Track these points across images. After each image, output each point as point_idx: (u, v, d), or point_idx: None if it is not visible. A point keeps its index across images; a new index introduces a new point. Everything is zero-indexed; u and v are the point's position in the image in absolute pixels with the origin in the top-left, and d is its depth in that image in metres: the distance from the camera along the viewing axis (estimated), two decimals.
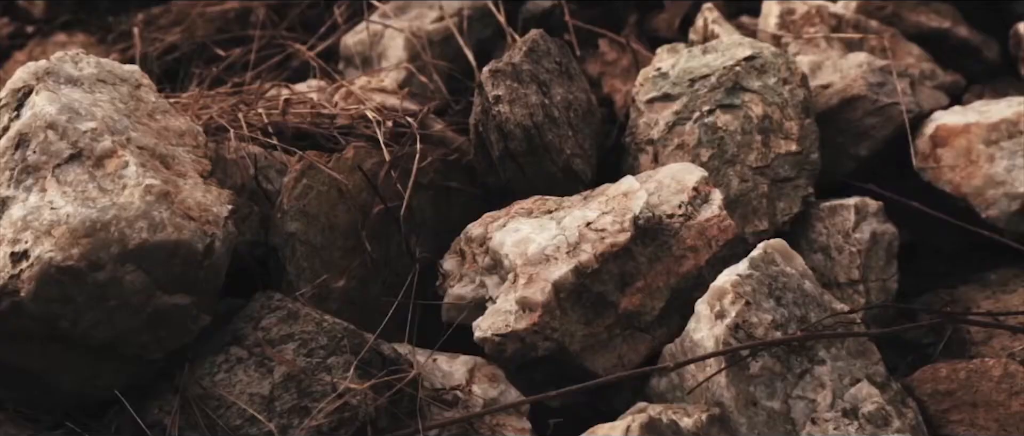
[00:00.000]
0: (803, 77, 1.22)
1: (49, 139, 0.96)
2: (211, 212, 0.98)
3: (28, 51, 1.64)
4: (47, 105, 0.96)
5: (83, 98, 1.00)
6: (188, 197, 0.98)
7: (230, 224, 1.00)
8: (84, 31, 1.64)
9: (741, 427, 0.97)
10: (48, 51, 1.62)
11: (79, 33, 1.63)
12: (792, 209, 1.17)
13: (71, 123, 0.96)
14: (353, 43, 1.48)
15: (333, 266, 1.11)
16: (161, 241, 0.95)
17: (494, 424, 1.01)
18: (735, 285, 1.00)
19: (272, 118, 1.23)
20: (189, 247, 0.96)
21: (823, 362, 1.00)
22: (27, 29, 1.68)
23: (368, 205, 1.14)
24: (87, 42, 1.59)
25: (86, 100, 1.00)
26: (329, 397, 0.97)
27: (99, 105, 1.00)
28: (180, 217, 0.96)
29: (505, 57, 1.17)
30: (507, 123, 1.13)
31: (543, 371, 1.04)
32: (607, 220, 1.05)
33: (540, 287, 1.01)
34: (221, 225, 0.99)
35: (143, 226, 0.94)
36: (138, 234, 0.94)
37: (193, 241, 0.96)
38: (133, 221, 0.94)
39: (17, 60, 1.62)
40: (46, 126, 0.96)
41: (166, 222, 0.95)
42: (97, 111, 0.99)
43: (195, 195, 0.99)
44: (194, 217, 0.97)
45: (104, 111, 0.99)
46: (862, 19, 1.41)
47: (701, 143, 1.19)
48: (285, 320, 1.01)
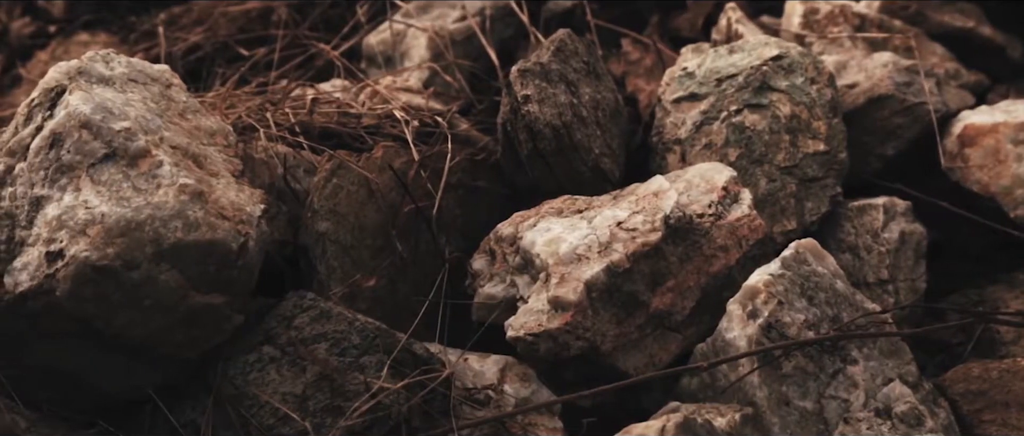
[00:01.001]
0: (830, 77, 1.22)
1: (83, 138, 0.96)
2: (244, 211, 0.99)
3: (50, 51, 1.64)
4: (81, 104, 0.97)
5: (116, 97, 1.00)
6: (222, 196, 0.98)
7: (263, 223, 1.00)
8: (106, 31, 1.64)
9: (774, 427, 0.97)
10: (70, 51, 1.62)
11: (101, 33, 1.63)
12: (820, 209, 1.17)
13: (105, 122, 0.96)
14: (376, 42, 1.48)
15: (363, 266, 1.11)
16: (196, 240, 0.95)
17: (526, 423, 1.01)
18: (768, 285, 1.00)
19: (299, 118, 1.23)
20: (223, 246, 0.96)
21: (856, 362, 1.00)
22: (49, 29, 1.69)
23: (397, 204, 1.14)
24: (110, 42, 1.59)
25: (119, 100, 1.00)
26: (362, 396, 0.97)
27: (131, 105, 1.00)
28: (214, 216, 0.96)
29: (533, 57, 1.18)
30: (536, 122, 1.13)
31: (574, 370, 1.04)
32: (638, 219, 1.06)
33: (572, 286, 1.01)
34: (254, 225, 0.99)
35: (178, 225, 0.94)
36: (173, 233, 0.94)
37: (227, 240, 0.96)
38: (168, 220, 0.94)
39: (40, 59, 1.62)
40: (80, 125, 0.96)
41: (201, 221, 0.95)
42: (130, 110, 0.99)
43: (228, 194, 0.99)
44: (228, 216, 0.97)
45: (137, 110, 1.00)
46: (886, 18, 1.41)
47: (729, 143, 1.19)
48: (317, 319, 1.01)
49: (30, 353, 0.97)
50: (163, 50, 1.46)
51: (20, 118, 1.01)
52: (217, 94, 1.31)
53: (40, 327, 0.96)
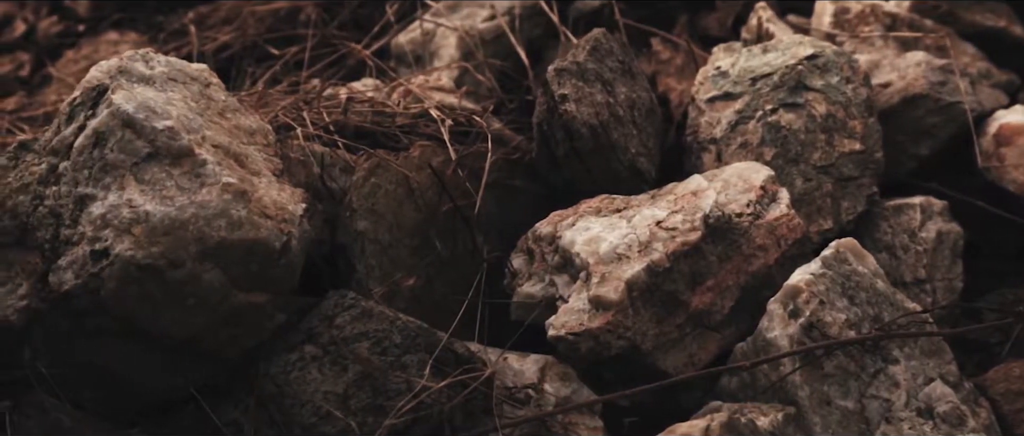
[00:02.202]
0: (865, 76, 1.22)
1: (127, 137, 0.96)
2: (287, 210, 0.99)
3: (79, 50, 1.65)
4: (124, 103, 0.97)
5: (157, 97, 1.00)
6: (264, 195, 0.98)
7: (305, 222, 1.01)
8: (134, 30, 1.65)
9: (815, 426, 0.97)
10: (100, 50, 1.62)
11: (130, 32, 1.63)
12: (857, 208, 1.17)
13: (148, 121, 0.97)
14: (405, 42, 1.48)
15: (401, 264, 1.11)
16: (239, 239, 0.95)
17: (566, 423, 1.01)
18: (809, 284, 1.00)
19: (333, 117, 1.23)
20: (266, 245, 0.96)
21: (897, 361, 1.00)
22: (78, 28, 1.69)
23: (434, 204, 1.14)
24: (139, 41, 1.60)
25: (160, 99, 1.00)
26: (404, 395, 0.97)
27: (173, 104, 1.00)
28: (257, 215, 0.97)
29: (569, 56, 1.18)
30: (574, 122, 1.13)
31: (613, 369, 1.04)
32: (677, 219, 1.06)
33: (613, 286, 1.01)
34: (297, 223, 0.99)
35: (222, 224, 0.95)
36: (217, 232, 0.94)
37: (270, 239, 0.97)
38: (211, 219, 0.95)
39: (69, 58, 1.63)
40: (124, 125, 0.96)
41: (244, 220, 0.96)
42: (172, 109, 0.99)
43: (271, 193, 0.99)
44: (271, 215, 0.98)
45: (178, 109, 1.00)
46: (916, 18, 1.41)
47: (764, 142, 1.19)
48: (359, 318, 1.01)
49: (74, 351, 0.98)
50: (195, 49, 1.47)
51: (62, 117, 1.01)
52: (250, 93, 1.31)
53: (84, 325, 0.96)
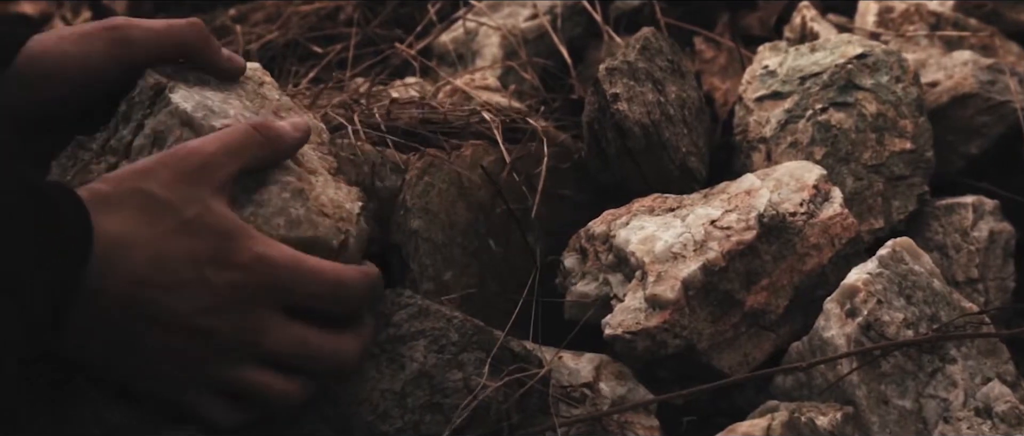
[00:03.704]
0: (915, 75, 1.22)
1: (186, 137, 0.96)
2: (344, 209, 0.99)
3: None
4: (182, 102, 0.97)
5: (214, 95, 1.00)
6: (321, 194, 0.99)
7: (362, 221, 1.01)
8: None
9: (873, 425, 0.97)
10: None
11: None
12: (908, 207, 1.17)
13: (206, 120, 0.97)
14: (448, 41, 1.49)
15: (454, 263, 1.12)
16: (298, 238, 0.95)
17: (623, 422, 1.01)
18: (866, 283, 1.00)
19: (382, 116, 1.24)
20: (325, 243, 0.97)
21: (954, 361, 1.00)
22: None
23: (486, 203, 1.14)
24: None
25: (217, 97, 1.00)
26: (461, 393, 0.98)
27: (230, 103, 1.01)
28: (316, 214, 0.97)
29: (619, 55, 1.18)
30: (626, 121, 1.13)
31: (668, 368, 1.04)
32: (732, 218, 1.06)
33: (670, 285, 1.01)
34: (354, 222, 0.99)
35: (280, 222, 0.95)
36: (275, 230, 0.94)
37: (329, 238, 0.97)
38: (270, 218, 0.95)
39: None
40: (182, 123, 0.97)
41: (302, 219, 0.96)
42: (229, 109, 0.99)
43: (328, 192, 0.99)
44: (329, 214, 0.98)
45: (235, 108, 1.00)
46: (961, 17, 1.41)
47: (814, 141, 1.19)
48: (416, 317, 1.02)
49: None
50: (240, 47, 1.47)
51: (119, 116, 1.01)
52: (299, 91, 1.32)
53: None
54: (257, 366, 0.91)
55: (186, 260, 0.85)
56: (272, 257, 0.88)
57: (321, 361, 0.93)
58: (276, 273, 0.89)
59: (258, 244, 0.87)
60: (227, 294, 0.87)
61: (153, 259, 0.84)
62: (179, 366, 0.89)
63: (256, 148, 0.91)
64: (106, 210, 0.83)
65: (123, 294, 0.84)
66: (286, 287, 0.89)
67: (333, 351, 0.93)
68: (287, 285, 0.89)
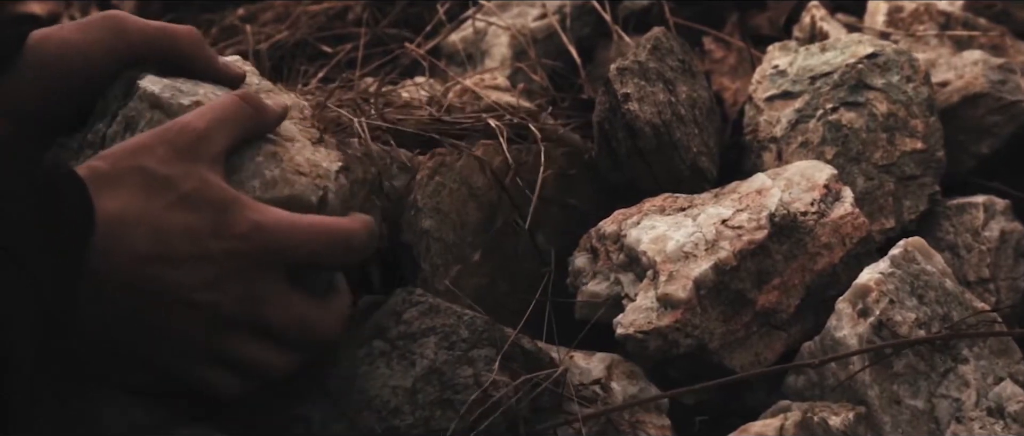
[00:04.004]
0: (926, 75, 1.22)
1: (156, 118, 0.95)
2: (321, 167, 0.98)
3: None
4: (150, 86, 0.96)
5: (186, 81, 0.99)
6: (297, 155, 0.98)
7: (341, 177, 0.99)
8: None
9: (885, 425, 0.97)
10: None
11: None
12: (919, 207, 1.17)
13: (175, 99, 0.96)
14: (457, 41, 1.49)
15: (465, 263, 1.12)
16: (274, 197, 0.94)
17: (634, 420, 1.01)
18: (878, 283, 1.00)
19: (391, 116, 1.24)
20: (303, 200, 0.95)
21: (966, 361, 1.00)
22: None
23: (497, 203, 1.14)
24: None
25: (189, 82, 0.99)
26: (471, 390, 0.98)
27: (202, 85, 0.99)
28: (291, 173, 0.96)
29: (630, 54, 1.18)
30: (637, 121, 1.13)
31: (679, 368, 1.04)
32: (743, 217, 1.06)
33: (681, 284, 1.01)
34: (332, 179, 0.98)
35: (256, 185, 0.94)
36: (251, 192, 0.93)
37: (306, 194, 0.96)
38: (244, 181, 0.94)
39: None
40: (151, 106, 0.96)
41: (278, 179, 0.95)
42: (199, 89, 0.98)
43: (304, 153, 0.98)
44: (305, 172, 0.97)
45: (207, 89, 0.99)
46: (970, 17, 1.41)
47: (825, 141, 1.19)
48: (426, 314, 1.02)
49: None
50: (251, 46, 1.47)
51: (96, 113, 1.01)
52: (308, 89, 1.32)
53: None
54: (256, 338, 0.92)
55: (186, 234, 0.85)
56: (268, 223, 0.88)
57: (314, 333, 0.94)
58: (274, 237, 0.87)
59: (254, 212, 0.88)
60: (228, 265, 0.86)
61: (153, 235, 0.84)
62: (183, 341, 0.90)
63: (245, 119, 0.92)
64: (106, 188, 0.84)
65: (126, 272, 0.85)
66: (286, 248, 0.88)
67: (323, 322, 0.95)
68: (287, 247, 0.88)
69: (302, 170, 0.97)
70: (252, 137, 0.95)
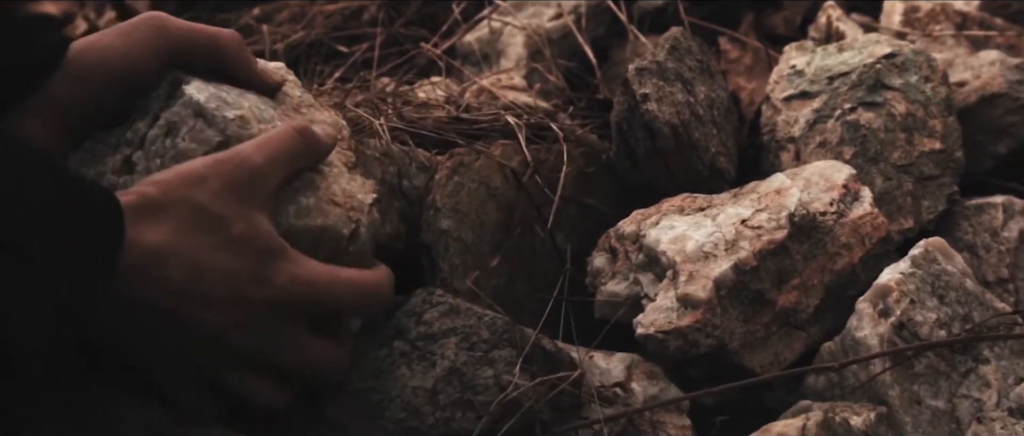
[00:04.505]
0: (944, 75, 1.22)
1: (198, 127, 0.95)
2: (356, 198, 0.99)
3: None
4: (196, 94, 0.96)
5: (231, 90, 1.00)
6: (333, 184, 0.98)
7: (374, 211, 1.00)
8: None
9: (906, 425, 0.97)
10: None
11: None
12: (937, 207, 1.17)
13: (219, 111, 0.96)
14: (473, 41, 1.49)
15: (483, 263, 1.12)
16: (306, 226, 0.95)
17: (654, 421, 1.01)
18: (899, 283, 1.00)
19: (409, 116, 1.24)
20: (335, 232, 0.96)
21: (987, 361, 1.00)
22: None
23: (514, 203, 1.14)
24: None
25: (234, 91, 1.00)
26: (492, 390, 0.98)
27: (246, 96, 1.00)
28: (326, 203, 0.96)
29: (649, 55, 1.18)
30: (655, 121, 1.13)
31: (698, 368, 1.04)
32: (762, 217, 1.06)
33: (701, 284, 1.01)
34: (366, 211, 0.99)
35: (290, 211, 0.94)
36: (285, 219, 0.94)
37: (338, 226, 0.96)
38: (279, 207, 0.94)
39: None
40: (195, 114, 0.96)
41: (312, 208, 0.95)
42: (244, 101, 0.99)
43: (340, 182, 0.99)
44: (339, 203, 0.97)
45: (251, 101, 0.99)
46: (987, 16, 1.40)
47: (843, 141, 1.19)
48: (447, 314, 1.02)
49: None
50: (267, 46, 1.48)
51: (137, 110, 1.01)
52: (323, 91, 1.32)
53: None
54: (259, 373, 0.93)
55: (225, 277, 0.84)
56: (306, 276, 0.89)
57: (322, 374, 0.96)
58: (310, 292, 0.89)
59: (294, 264, 0.88)
60: (262, 312, 0.87)
61: (192, 273, 0.84)
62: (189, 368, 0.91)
63: (301, 155, 0.92)
64: (152, 217, 0.84)
65: (157, 302, 0.85)
66: (320, 303, 0.90)
67: (330, 362, 0.96)
68: (321, 302, 0.90)
69: (337, 200, 0.97)
70: (304, 170, 0.95)
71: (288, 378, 0.94)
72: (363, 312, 0.96)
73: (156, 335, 0.88)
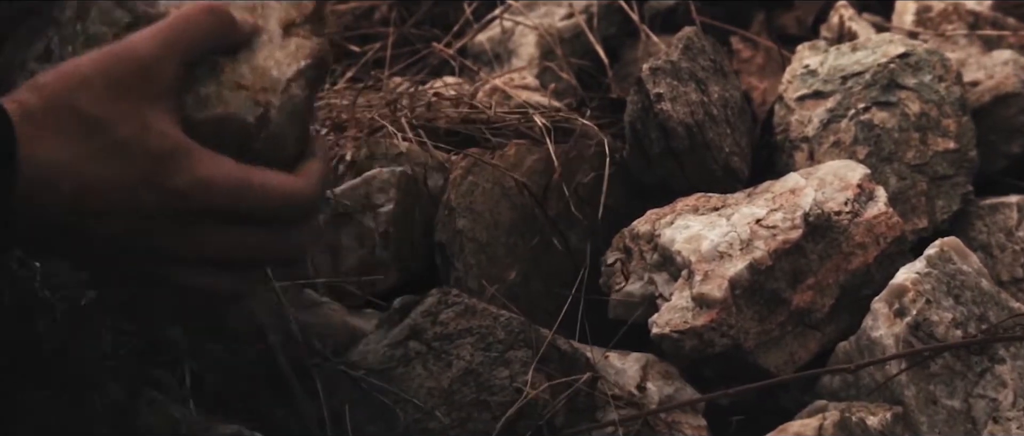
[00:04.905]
0: (958, 75, 1.22)
1: (106, 7, 0.86)
2: (269, 76, 0.84)
3: None
4: None
5: None
6: (243, 64, 0.84)
7: (293, 87, 0.85)
8: None
9: (922, 425, 0.97)
10: None
11: None
12: (951, 207, 1.16)
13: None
14: (484, 40, 1.49)
15: (498, 262, 1.12)
16: (206, 118, 0.83)
17: (670, 421, 1.01)
18: (915, 283, 1.00)
19: (424, 115, 1.24)
20: (237, 120, 0.83)
21: (1003, 361, 1.00)
22: None
23: (530, 202, 1.14)
24: None
25: None
26: (507, 391, 0.98)
27: None
28: (228, 88, 0.84)
29: (663, 54, 1.18)
30: (669, 121, 1.13)
31: (713, 367, 1.04)
32: (777, 217, 1.06)
33: (717, 284, 1.01)
34: (280, 90, 0.84)
35: (189, 102, 0.83)
36: (186, 112, 0.82)
37: (241, 113, 0.83)
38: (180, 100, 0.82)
39: None
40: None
41: (211, 96, 0.83)
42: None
43: (258, 58, 0.85)
44: (246, 85, 0.84)
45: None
46: (999, 16, 1.40)
47: (857, 141, 1.18)
48: (462, 315, 1.02)
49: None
50: None
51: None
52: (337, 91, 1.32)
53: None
54: (198, 267, 0.82)
55: (115, 187, 0.77)
56: (214, 180, 0.79)
57: (267, 258, 0.86)
58: (217, 198, 0.79)
59: (199, 166, 0.78)
60: (161, 217, 0.78)
61: (80, 188, 0.76)
62: (129, 271, 0.83)
63: (205, 39, 0.81)
64: (36, 132, 0.75)
65: (55, 222, 0.77)
66: (228, 208, 0.80)
67: (277, 247, 0.84)
68: (229, 207, 0.79)
69: (244, 82, 0.84)
70: (217, 52, 0.83)
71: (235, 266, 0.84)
72: (284, 219, 0.82)
73: (69, 251, 0.81)
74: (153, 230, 0.79)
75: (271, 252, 0.84)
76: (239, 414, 1.02)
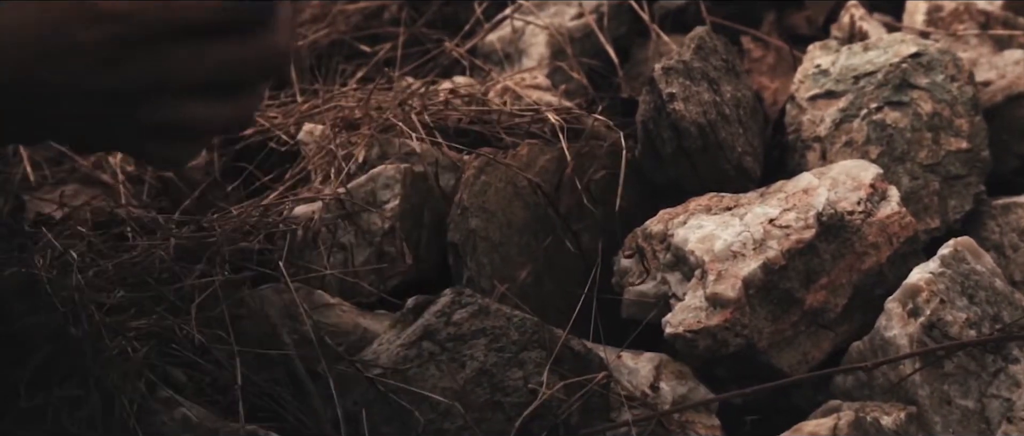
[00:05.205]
0: (970, 74, 1.22)
1: None
2: None
3: None
4: None
5: None
6: None
7: None
8: None
9: (936, 425, 0.97)
10: None
11: None
12: (964, 207, 1.16)
13: None
14: (495, 40, 1.49)
15: (510, 262, 1.12)
16: None
17: (684, 421, 1.01)
18: (929, 283, 1.00)
19: (436, 115, 1.24)
20: None
21: (1017, 361, 1.00)
22: None
23: (543, 202, 1.14)
24: None
25: None
26: (521, 391, 0.98)
27: None
28: None
29: (675, 54, 1.18)
30: (682, 121, 1.13)
31: (726, 367, 1.04)
32: (790, 217, 1.06)
33: (730, 283, 1.01)
34: None
35: None
36: None
37: None
38: None
39: None
40: None
41: None
42: None
43: None
44: None
45: None
46: (1010, 16, 1.40)
47: (870, 140, 1.18)
48: (476, 315, 1.02)
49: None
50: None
51: None
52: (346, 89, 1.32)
53: None
54: (185, 98, 0.76)
55: (50, 26, 0.72)
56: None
57: (249, 66, 0.77)
58: (163, 12, 0.72)
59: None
60: (107, 48, 0.73)
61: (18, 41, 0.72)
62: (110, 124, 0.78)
63: None
64: None
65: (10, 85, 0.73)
66: (167, 17, 0.73)
67: (249, 53, 0.76)
68: (166, 16, 0.73)
69: None
70: None
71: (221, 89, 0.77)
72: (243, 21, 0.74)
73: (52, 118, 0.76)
74: (106, 68, 0.74)
75: (246, 60, 0.76)
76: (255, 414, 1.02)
